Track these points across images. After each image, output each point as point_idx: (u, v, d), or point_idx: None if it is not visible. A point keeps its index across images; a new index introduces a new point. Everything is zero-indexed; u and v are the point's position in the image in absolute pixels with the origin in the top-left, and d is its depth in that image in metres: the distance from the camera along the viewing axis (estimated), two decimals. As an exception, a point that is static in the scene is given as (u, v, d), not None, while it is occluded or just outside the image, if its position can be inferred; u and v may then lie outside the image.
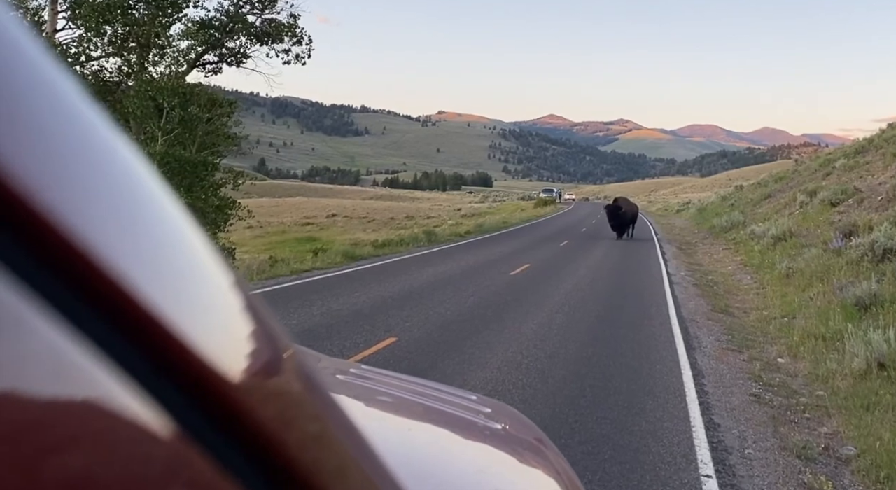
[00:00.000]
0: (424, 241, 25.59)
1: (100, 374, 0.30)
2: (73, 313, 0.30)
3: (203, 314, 0.38)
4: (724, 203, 43.52)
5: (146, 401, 0.32)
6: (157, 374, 0.33)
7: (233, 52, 25.63)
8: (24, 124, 0.29)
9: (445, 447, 1.35)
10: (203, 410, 0.36)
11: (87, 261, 0.30)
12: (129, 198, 0.36)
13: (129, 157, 0.37)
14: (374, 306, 11.17)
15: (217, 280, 0.42)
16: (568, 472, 1.44)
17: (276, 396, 0.43)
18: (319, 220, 59.12)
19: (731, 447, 5.76)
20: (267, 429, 0.40)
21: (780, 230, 19.86)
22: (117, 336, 0.32)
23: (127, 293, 0.31)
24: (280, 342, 0.46)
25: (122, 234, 0.33)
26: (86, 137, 0.34)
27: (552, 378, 7.43)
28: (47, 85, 0.32)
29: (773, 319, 11.38)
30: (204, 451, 0.36)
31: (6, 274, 0.27)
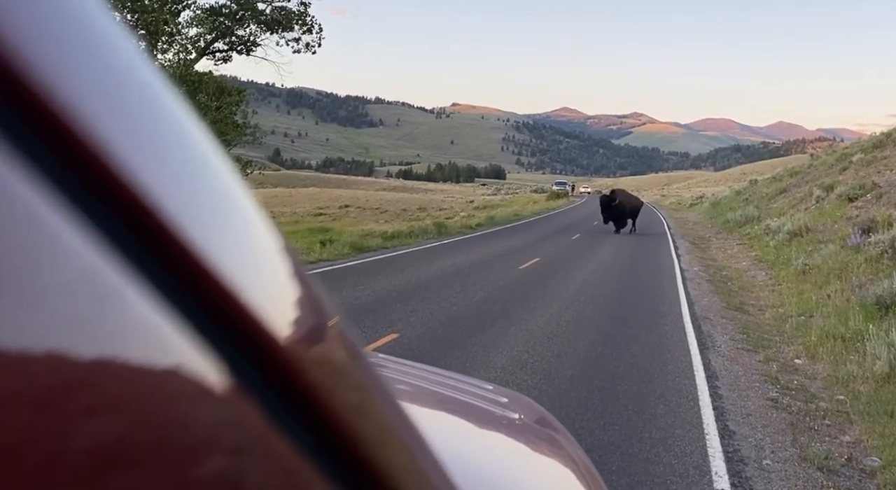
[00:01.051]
0: (434, 234, 25.29)
1: (154, 315, 0.31)
2: (128, 249, 0.31)
3: (257, 271, 0.39)
4: (738, 197, 43.04)
5: (202, 349, 0.33)
6: (217, 328, 0.34)
7: (242, 40, 25.46)
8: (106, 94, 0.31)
9: (463, 436, 1.35)
10: (256, 365, 0.37)
11: (158, 219, 0.31)
12: (192, 161, 0.37)
13: (190, 120, 0.39)
14: (377, 300, 10.87)
15: (268, 243, 0.44)
16: (585, 461, 1.44)
17: (321, 363, 0.44)
18: (332, 210, 58.98)
19: (747, 457, 5.41)
20: (312, 392, 0.40)
21: (795, 225, 19.46)
22: (184, 293, 0.33)
23: (191, 250, 0.33)
24: (326, 309, 0.47)
25: (188, 195, 0.35)
26: (152, 101, 0.35)
27: (559, 379, 7.11)
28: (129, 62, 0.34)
29: (790, 318, 11.01)
30: (257, 405, 0.37)
31: (60, 199, 0.28)
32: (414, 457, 0.57)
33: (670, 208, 62.24)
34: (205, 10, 24.14)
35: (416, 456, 0.58)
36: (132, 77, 0.34)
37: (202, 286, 0.34)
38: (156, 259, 0.32)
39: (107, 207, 0.30)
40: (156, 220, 0.31)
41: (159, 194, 0.31)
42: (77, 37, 0.31)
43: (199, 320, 0.34)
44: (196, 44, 24.53)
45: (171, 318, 0.32)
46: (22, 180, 0.26)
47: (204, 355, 0.33)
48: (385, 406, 0.54)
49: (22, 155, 0.26)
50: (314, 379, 0.41)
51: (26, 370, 0.24)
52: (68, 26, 0.30)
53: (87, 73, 0.30)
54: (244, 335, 0.36)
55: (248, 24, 24.99)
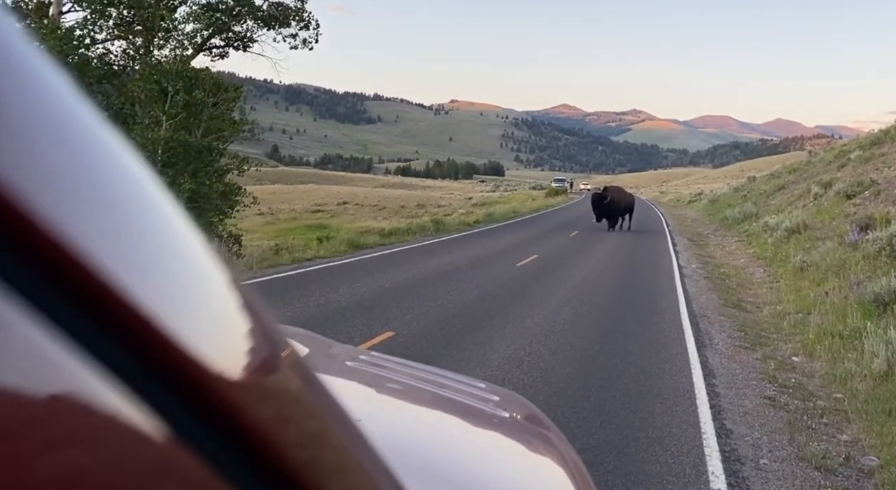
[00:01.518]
0: (432, 231, 25.21)
1: (85, 374, 0.29)
2: (57, 312, 0.29)
3: (196, 313, 0.38)
4: (736, 194, 43.02)
5: (135, 402, 0.32)
6: (146, 374, 0.33)
7: (239, 36, 25.34)
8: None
9: (453, 434, 1.36)
10: (196, 411, 0.35)
11: (73, 258, 0.29)
12: (116, 191, 0.35)
13: (116, 147, 0.36)
14: (373, 298, 10.82)
15: (211, 277, 0.42)
16: (575, 460, 1.44)
17: (274, 394, 0.43)
18: (330, 207, 58.97)
19: (744, 457, 5.37)
20: (263, 427, 0.39)
21: (793, 222, 19.42)
22: (104, 335, 0.31)
23: (114, 291, 0.30)
24: (277, 339, 0.46)
25: (109, 230, 0.32)
26: (66, 125, 0.33)
27: (555, 377, 7.06)
28: (30, 76, 0.32)
29: (788, 315, 10.97)
30: (197, 452, 0.35)
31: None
32: (372, 479, 0.56)
33: (669, 205, 62.22)
34: (201, 6, 24.01)
35: (377, 481, 0.57)
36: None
37: (127, 330, 0.31)
38: (73, 298, 0.29)
39: (9, 247, 0.27)
40: (70, 258, 0.28)
41: (73, 228, 0.29)
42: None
43: (128, 366, 0.32)
44: (193, 40, 24.40)
45: (98, 369, 0.30)
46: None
47: (135, 403, 0.31)
48: (344, 433, 0.53)
49: None
50: (266, 413, 0.40)
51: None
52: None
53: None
54: (178, 375, 0.34)
55: (244, 19, 24.87)
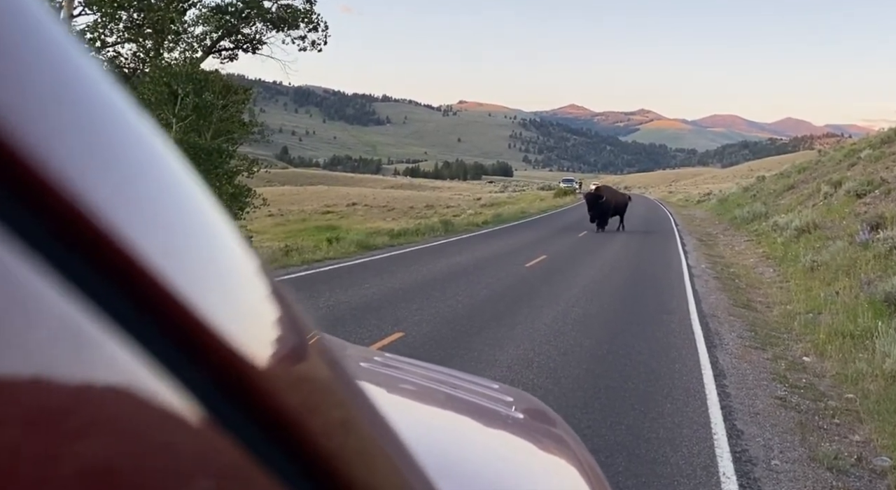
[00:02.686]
0: (441, 231, 25.21)
1: (126, 358, 0.30)
2: (99, 296, 0.29)
3: (229, 299, 0.38)
4: (745, 194, 42.85)
5: (174, 386, 0.32)
6: (184, 358, 0.33)
7: (248, 38, 25.45)
8: (46, 103, 0.29)
9: (468, 436, 1.35)
10: (230, 396, 0.36)
11: (113, 243, 0.29)
12: (154, 180, 0.36)
13: (154, 138, 0.37)
14: (383, 298, 10.82)
15: (242, 264, 0.42)
16: (590, 461, 1.43)
17: (302, 382, 0.43)
18: (340, 208, 59.06)
19: (755, 458, 5.35)
20: (292, 415, 0.40)
21: (803, 222, 19.34)
22: (144, 320, 0.31)
23: (153, 276, 0.31)
24: (305, 328, 0.47)
25: (148, 218, 0.33)
26: (108, 115, 0.34)
27: (565, 378, 7.05)
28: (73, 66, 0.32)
29: (798, 315, 10.92)
30: (231, 437, 0.36)
31: (34, 259, 0.27)
32: (401, 472, 0.56)
33: (677, 205, 62.05)
34: (211, 9, 24.14)
35: (403, 471, 0.56)
36: (75, 78, 0.32)
37: (164, 313, 0.32)
38: (112, 284, 0.30)
39: (54, 233, 0.27)
40: (110, 242, 0.29)
41: (114, 215, 0.29)
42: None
43: (164, 350, 0.32)
44: (202, 42, 24.53)
45: (135, 351, 0.30)
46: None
47: (173, 388, 0.32)
48: (370, 422, 0.53)
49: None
50: (295, 400, 0.40)
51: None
52: None
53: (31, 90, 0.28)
54: (213, 360, 0.34)
55: (253, 22, 24.97)
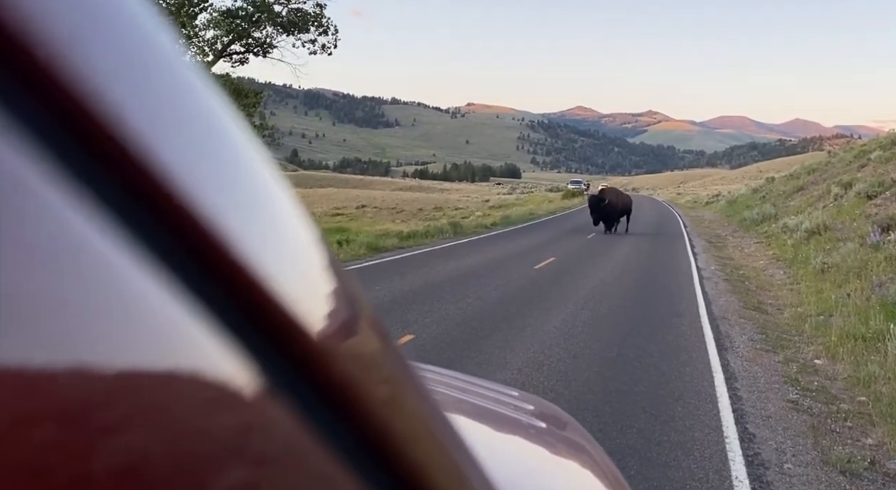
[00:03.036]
0: (450, 233, 25.20)
1: (194, 325, 0.30)
2: (169, 262, 0.29)
3: (291, 267, 0.38)
4: (754, 195, 42.77)
5: (238, 352, 0.32)
6: (247, 324, 0.33)
7: (259, 42, 25.55)
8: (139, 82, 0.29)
9: (492, 446, 1.29)
10: (288, 365, 0.36)
11: (184, 207, 0.29)
12: (224, 149, 0.36)
13: (224, 111, 0.38)
14: (393, 301, 10.83)
15: (302, 234, 0.42)
16: (613, 471, 1.41)
17: (354, 357, 0.43)
18: (349, 210, 59.09)
19: (768, 461, 5.33)
20: (345, 388, 0.40)
21: (813, 223, 19.28)
22: (212, 288, 0.31)
23: (220, 241, 0.31)
24: (359, 301, 0.46)
25: (219, 184, 0.33)
26: (184, 91, 0.34)
27: (575, 381, 7.04)
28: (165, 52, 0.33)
29: (809, 317, 10.88)
30: (290, 406, 0.36)
31: (112, 229, 0.27)
32: (448, 453, 0.55)
33: (686, 207, 61.96)
34: (221, 13, 24.24)
35: (450, 452, 0.56)
36: (166, 66, 0.33)
37: (232, 280, 0.32)
38: (181, 252, 0.30)
39: (128, 198, 0.28)
40: (180, 208, 0.29)
41: (185, 183, 0.30)
42: (107, 24, 0.29)
43: (229, 317, 0.32)
44: (213, 46, 24.64)
45: (198, 315, 0.30)
46: (34, 171, 0.24)
47: (233, 355, 0.32)
48: (418, 400, 0.52)
49: (37, 145, 0.25)
50: (347, 374, 0.40)
51: (47, 386, 0.23)
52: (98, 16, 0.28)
53: (117, 59, 0.28)
54: (276, 331, 0.34)
55: (264, 26, 25.07)
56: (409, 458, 0.46)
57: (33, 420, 0.22)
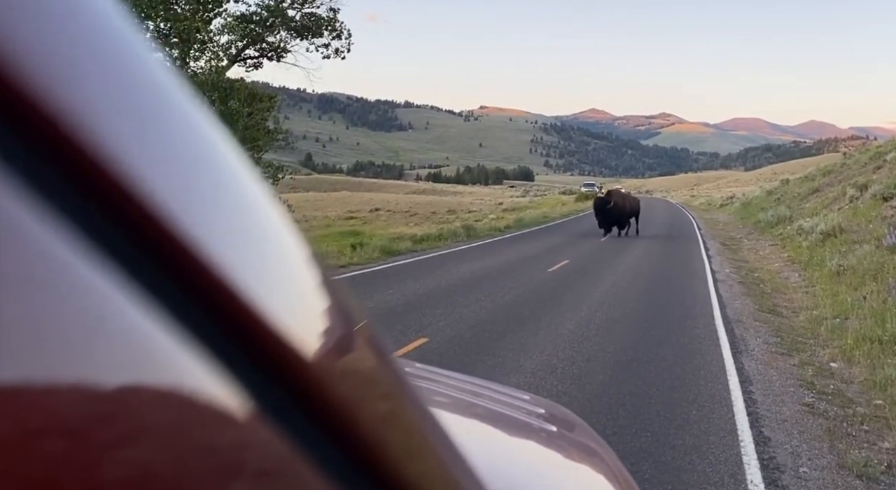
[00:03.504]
0: (463, 236, 25.24)
1: (175, 350, 0.29)
2: (154, 288, 0.29)
3: (279, 287, 0.37)
4: (769, 197, 42.56)
5: (223, 376, 0.32)
6: (234, 347, 0.32)
7: (273, 46, 25.64)
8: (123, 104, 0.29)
9: (503, 449, 1.32)
10: (279, 387, 0.35)
11: (168, 231, 0.29)
12: (208, 167, 0.35)
13: (206, 126, 0.37)
14: (407, 304, 10.85)
15: (293, 253, 0.42)
16: (625, 475, 1.40)
17: (349, 374, 0.43)
18: (363, 214, 59.33)
19: (783, 465, 5.30)
20: (340, 406, 0.39)
21: (829, 225, 19.17)
22: (196, 308, 0.31)
23: (204, 262, 0.31)
24: (354, 317, 0.46)
25: (201, 205, 0.33)
26: (168, 108, 0.34)
27: (589, 384, 7.04)
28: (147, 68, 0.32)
29: (824, 320, 10.83)
30: (278, 429, 0.35)
31: (91, 248, 0.27)
32: (447, 466, 0.55)
33: (700, 209, 61.74)
34: (236, 18, 24.37)
35: (448, 465, 0.56)
36: (139, 75, 0.32)
37: (216, 303, 0.31)
38: (164, 272, 0.30)
39: (107, 218, 0.27)
40: (161, 227, 0.29)
41: (165, 200, 0.29)
42: (81, 37, 0.28)
43: (214, 339, 0.31)
44: (227, 51, 24.73)
45: (183, 338, 0.30)
46: (15, 198, 0.24)
47: (223, 380, 0.31)
48: (415, 414, 0.52)
49: (10, 164, 0.24)
50: (342, 392, 0.40)
51: (48, 404, 0.23)
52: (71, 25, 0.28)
53: (86, 69, 0.28)
54: (264, 353, 0.34)
55: (278, 30, 25.17)
56: (408, 473, 0.46)
57: (39, 434, 0.22)
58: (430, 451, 0.52)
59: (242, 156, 0.40)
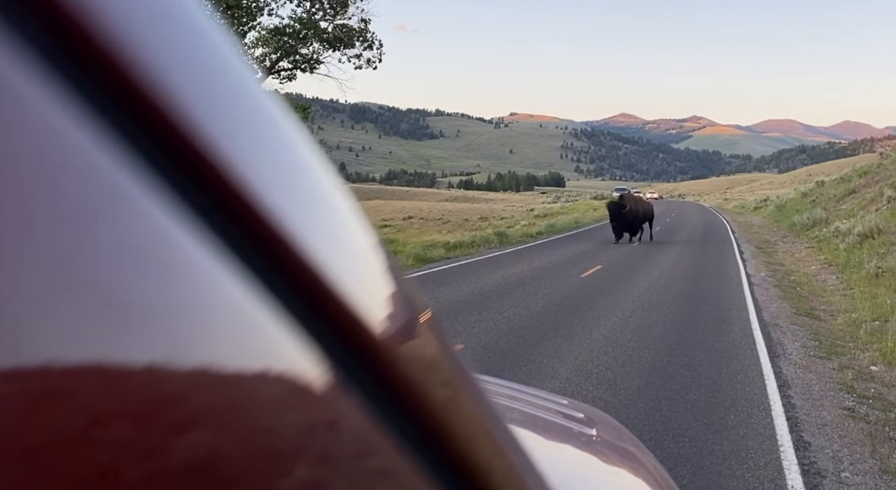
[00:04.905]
0: (496, 243, 25.25)
1: (270, 324, 0.31)
2: (250, 267, 0.31)
3: (356, 270, 0.39)
4: (804, 200, 42.08)
5: (309, 350, 0.33)
6: (318, 323, 0.34)
7: (306, 58, 25.93)
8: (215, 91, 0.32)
9: (543, 454, 1.18)
10: (358, 363, 0.37)
11: (260, 215, 0.31)
12: (295, 161, 0.38)
13: (291, 123, 0.39)
14: (441, 311, 10.85)
15: (363, 239, 0.44)
16: (665, 478, 1.40)
17: (414, 359, 0.43)
18: (396, 222, 59.35)
19: (824, 470, 5.24)
20: (408, 389, 0.40)
21: (866, 227, 18.95)
22: (286, 288, 0.32)
23: (293, 245, 0.32)
24: (418, 304, 0.47)
25: (291, 193, 0.35)
26: (256, 103, 0.36)
27: (625, 389, 7.00)
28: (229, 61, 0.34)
29: (864, 323, 10.69)
30: (359, 403, 0.37)
31: (203, 235, 0.28)
32: (505, 455, 0.56)
33: (733, 212, 61.18)
34: (269, 31, 24.68)
35: (507, 454, 0.56)
36: (246, 91, 0.35)
37: (303, 281, 0.33)
38: (257, 255, 0.31)
39: (213, 205, 0.29)
40: (258, 216, 0.31)
41: (262, 191, 0.31)
42: (192, 43, 0.31)
43: (301, 316, 0.33)
44: (262, 64, 25.02)
45: (274, 314, 0.31)
46: (136, 182, 0.26)
47: (306, 353, 0.33)
48: (475, 403, 0.53)
49: (138, 159, 0.26)
50: (410, 374, 0.41)
51: (126, 383, 0.24)
52: (179, 31, 0.30)
53: (208, 89, 0.30)
54: (345, 331, 0.36)
55: (311, 42, 25.45)
56: (469, 459, 0.47)
57: (109, 418, 0.23)
58: (490, 438, 0.53)
59: (320, 154, 0.41)
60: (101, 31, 0.25)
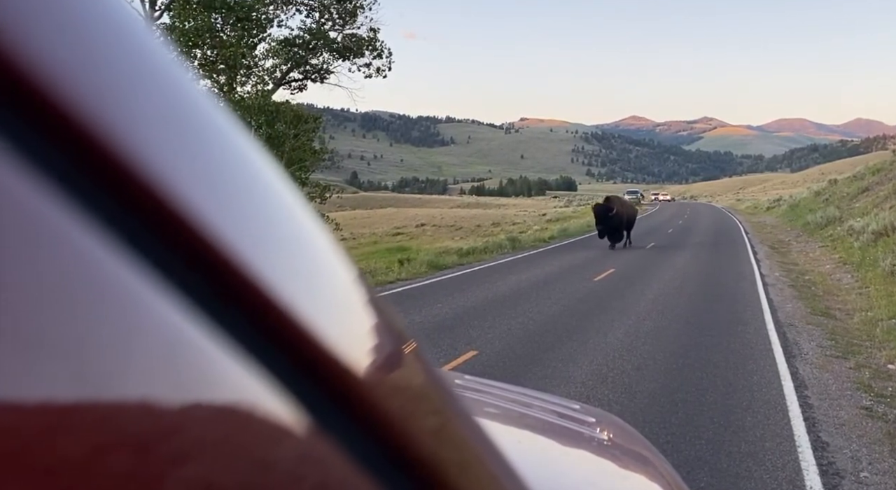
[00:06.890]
0: (509, 248, 25.27)
1: (235, 370, 0.30)
2: (210, 308, 0.30)
3: (330, 307, 0.39)
4: (817, 198, 41.88)
5: (282, 394, 0.32)
6: (290, 365, 0.33)
7: (316, 68, 26.06)
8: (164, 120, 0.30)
9: (556, 460, 1.33)
10: (335, 404, 0.36)
11: (221, 254, 0.30)
12: (257, 192, 0.37)
13: (253, 151, 0.38)
14: (455, 317, 10.88)
15: (341, 273, 0.43)
16: (679, 483, 1.40)
17: (398, 390, 0.43)
18: (409, 229, 59.45)
19: (843, 470, 5.23)
20: (392, 422, 0.40)
21: (881, 225, 18.85)
22: (254, 330, 0.32)
23: (260, 285, 0.31)
24: (402, 335, 0.47)
25: (254, 229, 0.34)
26: (215, 134, 0.35)
27: (640, 393, 7.00)
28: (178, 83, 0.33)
29: (880, 322, 10.64)
30: (335, 444, 0.36)
31: (153, 274, 0.28)
32: (498, 480, 0.56)
33: (746, 213, 60.94)
34: (279, 42, 24.83)
35: (500, 479, 0.57)
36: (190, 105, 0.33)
37: (273, 324, 0.32)
38: (223, 298, 0.30)
39: (164, 244, 0.28)
40: (220, 256, 0.30)
41: (221, 227, 0.30)
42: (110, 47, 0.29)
43: (271, 358, 0.32)
44: (272, 75, 25.19)
45: (243, 358, 0.31)
46: (80, 227, 0.25)
47: (279, 395, 0.32)
48: (466, 429, 0.53)
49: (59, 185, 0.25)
50: (393, 408, 0.40)
51: (112, 422, 0.24)
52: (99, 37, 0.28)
53: (161, 124, 0.29)
54: (318, 370, 0.35)
55: (320, 52, 25.57)
56: (460, 487, 0.47)
57: (106, 449, 0.23)
58: (482, 466, 0.53)
59: (289, 181, 0.41)
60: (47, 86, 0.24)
